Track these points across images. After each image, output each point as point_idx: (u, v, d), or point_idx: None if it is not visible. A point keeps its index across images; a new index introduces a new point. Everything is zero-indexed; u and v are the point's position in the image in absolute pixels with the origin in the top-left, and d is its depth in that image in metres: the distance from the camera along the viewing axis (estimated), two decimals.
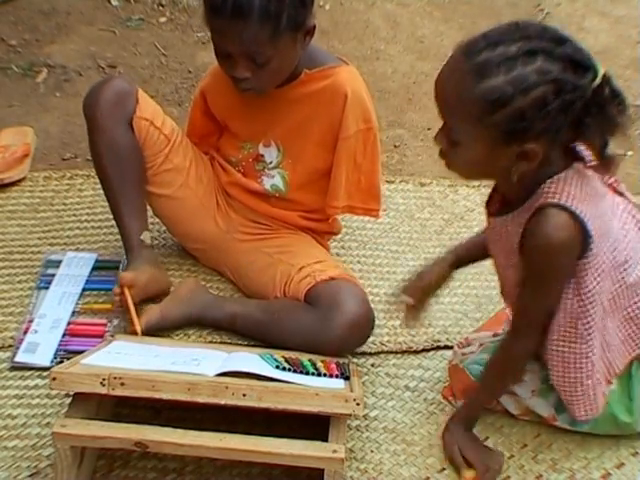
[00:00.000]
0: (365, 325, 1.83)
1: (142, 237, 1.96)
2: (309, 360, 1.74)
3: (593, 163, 1.51)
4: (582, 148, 1.51)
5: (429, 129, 2.67)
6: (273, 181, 1.99)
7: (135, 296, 1.89)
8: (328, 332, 1.78)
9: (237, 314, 1.91)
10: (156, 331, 1.88)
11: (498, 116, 1.37)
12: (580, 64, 1.39)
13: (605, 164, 1.48)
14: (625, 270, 1.56)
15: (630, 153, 2.64)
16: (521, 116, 1.37)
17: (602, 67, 1.40)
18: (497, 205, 1.60)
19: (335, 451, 1.46)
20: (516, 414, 1.73)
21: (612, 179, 1.60)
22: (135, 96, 1.97)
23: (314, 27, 1.82)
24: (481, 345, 1.77)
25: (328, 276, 1.87)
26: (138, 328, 1.84)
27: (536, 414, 1.72)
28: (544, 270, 1.51)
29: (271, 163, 1.99)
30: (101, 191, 2.00)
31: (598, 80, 1.39)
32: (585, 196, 1.48)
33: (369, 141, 1.91)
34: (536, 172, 1.47)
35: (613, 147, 1.49)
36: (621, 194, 1.62)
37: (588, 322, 1.54)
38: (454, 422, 1.70)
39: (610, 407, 1.64)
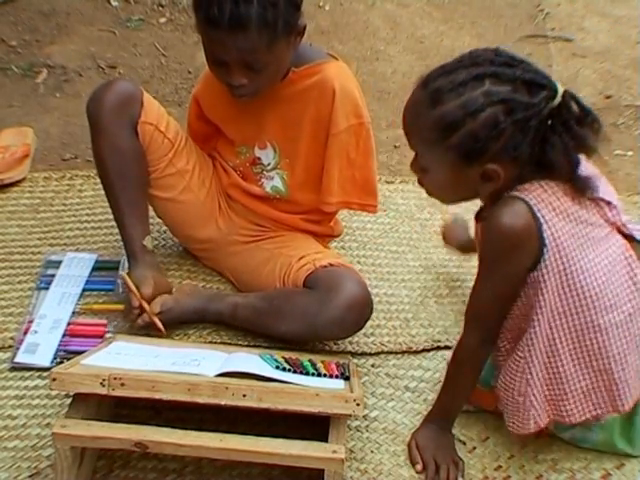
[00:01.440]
0: (363, 306, 1.82)
1: (144, 242, 1.95)
2: (309, 360, 1.74)
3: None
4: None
5: None
6: (273, 183, 1.99)
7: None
8: (327, 312, 1.78)
9: (238, 303, 1.92)
10: (169, 318, 1.88)
11: (453, 139, 1.44)
12: (532, 83, 1.43)
13: (577, 184, 1.48)
14: (595, 308, 1.50)
15: (630, 153, 2.64)
16: (474, 138, 1.43)
17: (561, 86, 1.43)
18: (483, 212, 1.60)
19: (335, 451, 1.46)
20: None
21: (620, 220, 1.55)
22: (140, 99, 1.93)
23: (304, 27, 1.81)
24: None
25: (327, 262, 1.87)
26: (162, 327, 1.85)
27: None
28: (490, 254, 1.50)
29: (269, 165, 1.98)
30: (101, 191, 2.00)
31: (558, 98, 1.43)
32: (555, 206, 1.47)
33: (361, 136, 1.90)
34: (511, 187, 1.49)
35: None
36: (628, 237, 1.56)
37: (531, 337, 1.52)
38: (424, 421, 1.70)
39: (611, 436, 1.64)
